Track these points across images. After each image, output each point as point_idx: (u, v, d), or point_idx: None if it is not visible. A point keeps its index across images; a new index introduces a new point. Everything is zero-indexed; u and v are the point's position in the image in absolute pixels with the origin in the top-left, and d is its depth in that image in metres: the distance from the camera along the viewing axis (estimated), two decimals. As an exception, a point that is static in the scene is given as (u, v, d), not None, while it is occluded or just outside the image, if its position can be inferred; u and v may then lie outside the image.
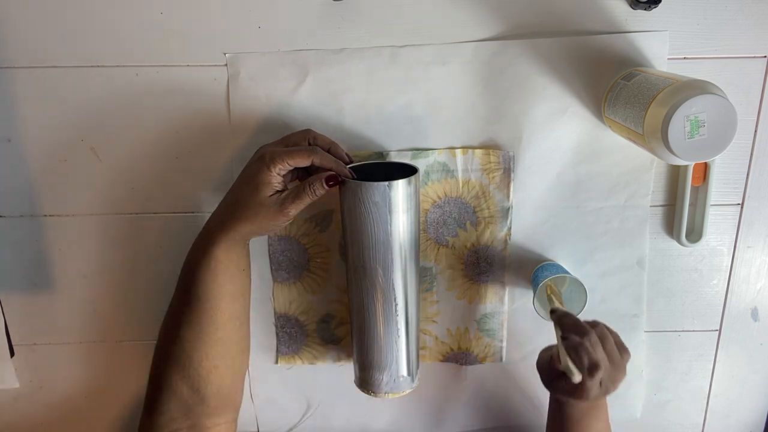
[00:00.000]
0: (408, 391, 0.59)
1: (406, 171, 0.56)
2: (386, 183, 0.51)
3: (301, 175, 0.55)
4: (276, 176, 0.50)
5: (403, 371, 0.58)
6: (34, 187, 0.60)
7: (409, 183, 0.52)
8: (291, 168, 0.51)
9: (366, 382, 0.58)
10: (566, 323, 0.53)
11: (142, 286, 0.64)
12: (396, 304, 0.55)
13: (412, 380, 0.59)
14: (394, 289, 0.55)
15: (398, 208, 0.52)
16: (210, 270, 0.51)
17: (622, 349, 0.53)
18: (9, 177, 0.59)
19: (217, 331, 0.52)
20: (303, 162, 0.50)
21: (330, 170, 0.51)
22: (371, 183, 0.51)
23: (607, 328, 0.54)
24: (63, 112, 0.58)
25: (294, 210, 0.50)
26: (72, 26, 0.55)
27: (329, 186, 0.51)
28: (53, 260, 0.62)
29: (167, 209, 0.61)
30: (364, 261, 0.53)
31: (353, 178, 0.52)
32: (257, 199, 0.50)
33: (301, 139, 0.53)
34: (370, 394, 0.58)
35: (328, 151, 0.53)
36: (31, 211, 0.61)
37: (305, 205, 0.51)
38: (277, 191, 0.51)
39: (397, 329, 0.56)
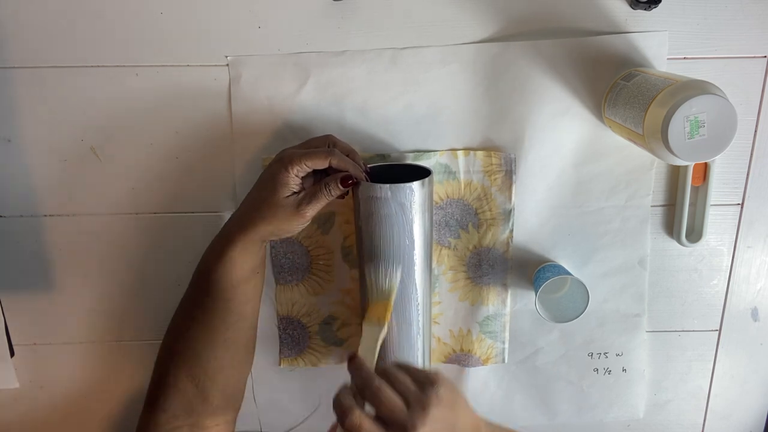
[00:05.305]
0: None
1: (414, 171, 0.56)
2: (412, 184, 0.51)
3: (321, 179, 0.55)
4: (294, 177, 0.50)
5: None
6: (34, 187, 0.60)
7: (429, 183, 0.53)
8: (309, 170, 0.51)
9: None
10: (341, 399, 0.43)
11: (142, 286, 0.64)
12: (418, 304, 0.55)
13: None
14: (416, 289, 0.55)
15: (421, 208, 0.53)
16: (225, 270, 0.51)
17: (425, 383, 0.43)
18: (9, 177, 0.59)
19: (227, 332, 0.52)
20: (321, 164, 0.50)
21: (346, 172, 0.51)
22: (399, 184, 0.51)
23: (401, 366, 0.45)
24: (63, 112, 0.58)
25: (311, 211, 0.51)
26: (72, 26, 0.55)
27: (345, 186, 0.51)
28: (53, 260, 0.62)
29: (167, 209, 0.61)
30: (387, 263, 0.53)
31: (368, 180, 0.52)
32: (275, 200, 0.50)
33: (321, 143, 0.53)
34: None
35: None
36: (31, 211, 0.61)
37: (322, 206, 0.51)
38: (295, 192, 0.51)
39: (419, 329, 0.56)
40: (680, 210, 0.61)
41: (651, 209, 0.62)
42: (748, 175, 0.61)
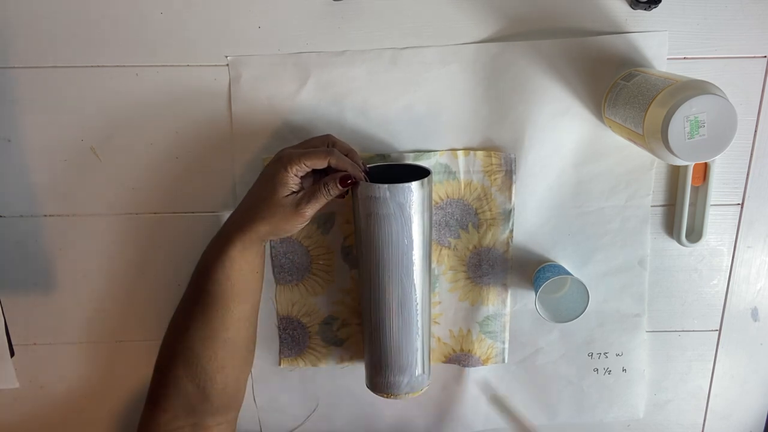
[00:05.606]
0: (425, 389, 0.59)
1: (414, 172, 0.56)
2: (410, 184, 0.52)
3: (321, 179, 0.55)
4: (293, 177, 0.50)
5: (420, 370, 0.58)
6: (34, 187, 0.60)
7: (428, 183, 0.53)
8: (308, 169, 0.51)
9: (385, 385, 0.58)
10: None
11: (142, 286, 0.64)
12: (417, 304, 0.55)
13: (428, 377, 0.60)
14: (415, 289, 0.55)
15: (420, 208, 0.53)
16: (224, 270, 0.51)
17: None
18: (9, 177, 0.59)
19: (227, 332, 0.52)
20: (320, 163, 0.50)
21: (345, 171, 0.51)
22: (397, 185, 0.51)
23: None
24: (63, 112, 0.58)
25: (310, 210, 0.51)
26: (72, 26, 0.55)
27: (344, 186, 0.51)
28: (53, 260, 0.62)
29: (167, 209, 0.61)
30: (386, 263, 0.53)
31: (367, 180, 0.52)
32: (274, 200, 0.50)
33: (321, 143, 0.54)
34: (389, 397, 0.58)
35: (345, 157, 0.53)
36: (31, 211, 0.61)
37: (321, 206, 0.51)
38: (294, 192, 0.51)
39: (418, 329, 0.56)
40: (680, 210, 0.61)
41: (651, 209, 0.62)
42: (748, 175, 0.61)
